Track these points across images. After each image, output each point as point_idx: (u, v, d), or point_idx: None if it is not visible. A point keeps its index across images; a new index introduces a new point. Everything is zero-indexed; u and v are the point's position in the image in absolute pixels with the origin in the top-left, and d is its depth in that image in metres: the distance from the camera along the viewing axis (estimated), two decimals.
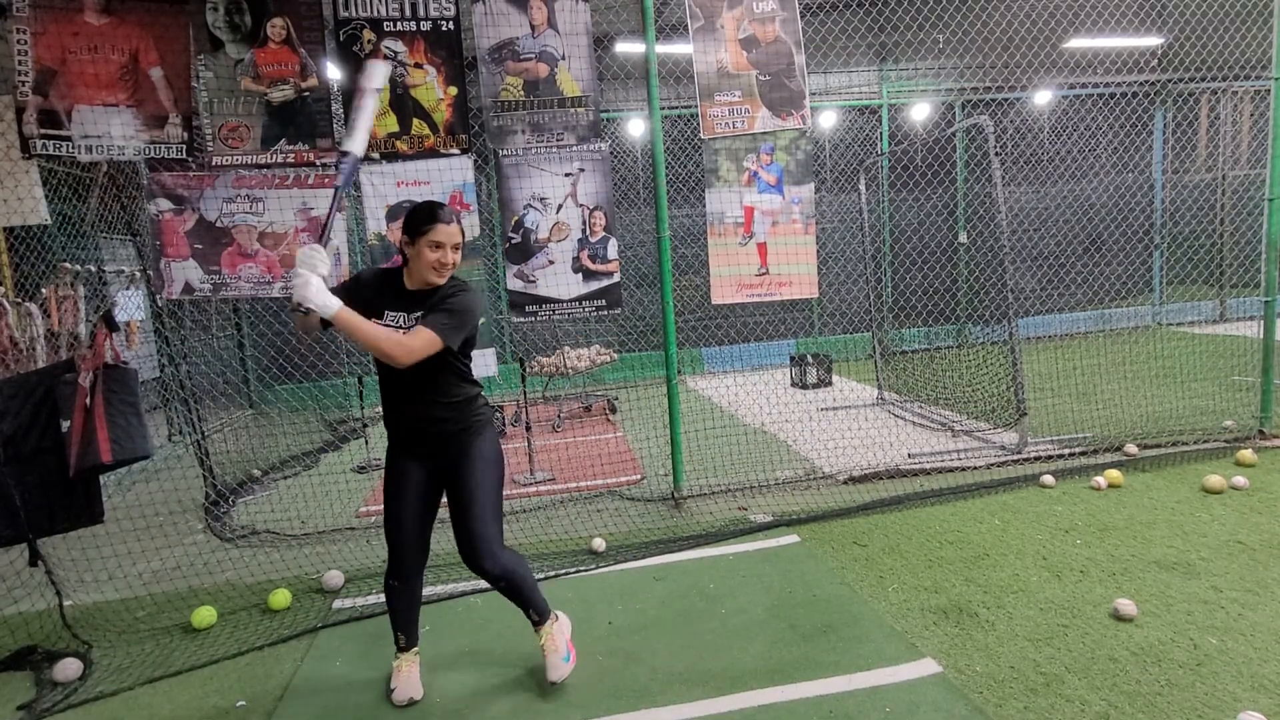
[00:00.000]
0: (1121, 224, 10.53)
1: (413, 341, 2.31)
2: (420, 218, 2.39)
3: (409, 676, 2.69)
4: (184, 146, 3.97)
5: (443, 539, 4.25)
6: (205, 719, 2.66)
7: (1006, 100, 10.03)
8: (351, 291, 2.44)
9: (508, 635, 3.09)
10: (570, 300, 4.46)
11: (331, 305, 2.21)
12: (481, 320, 4.56)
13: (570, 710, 2.57)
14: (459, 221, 2.45)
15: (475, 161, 4.29)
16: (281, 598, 3.51)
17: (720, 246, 4.63)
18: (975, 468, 4.89)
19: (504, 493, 2.70)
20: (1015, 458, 5.03)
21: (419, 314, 2.43)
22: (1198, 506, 3.98)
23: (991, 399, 6.09)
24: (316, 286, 2.19)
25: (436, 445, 2.55)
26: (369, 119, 2.57)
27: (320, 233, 2.37)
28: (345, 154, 2.47)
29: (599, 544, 3.94)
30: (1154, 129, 10.71)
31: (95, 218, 5.55)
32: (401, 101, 4.15)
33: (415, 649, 2.75)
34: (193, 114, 3.97)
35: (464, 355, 2.54)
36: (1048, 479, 4.48)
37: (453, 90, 4.20)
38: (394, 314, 2.44)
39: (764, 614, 3.13)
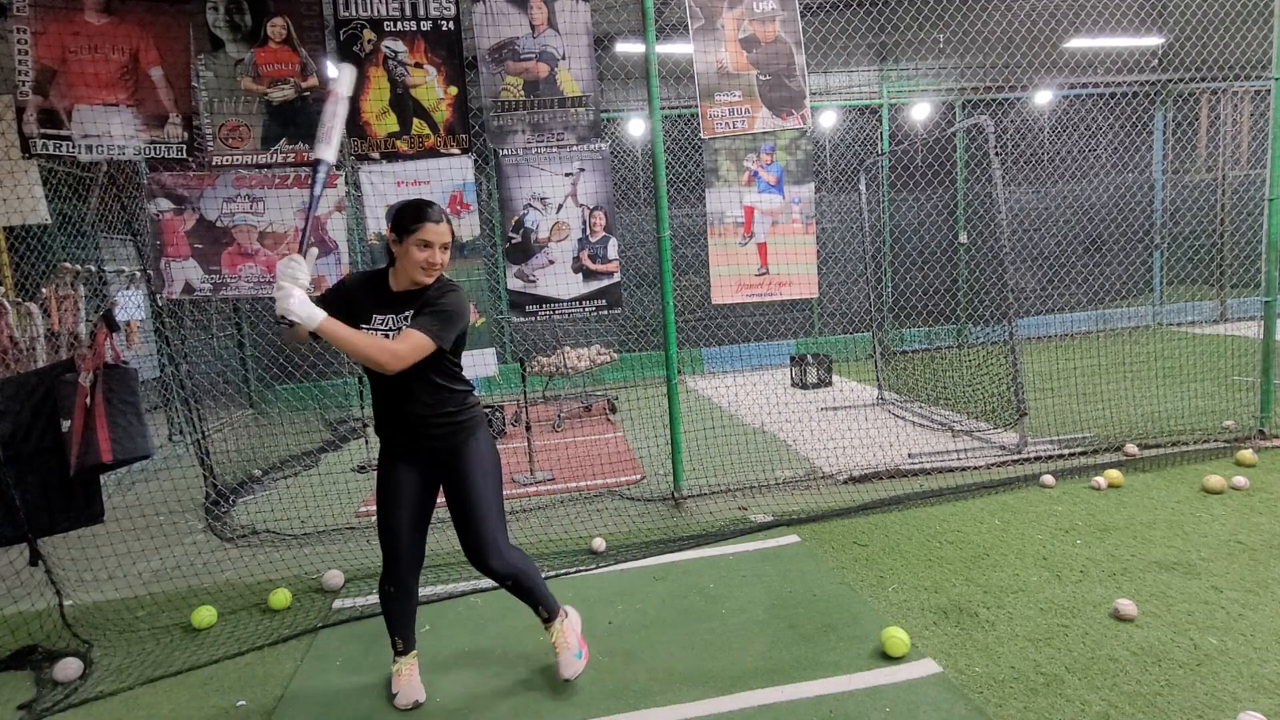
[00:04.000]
0: (1121, 224, 10.52)
1: (400, 347, 2.27)
2: (408, 216, 2.35)
3: (410, 679, 2.67)
4: (184, 146, 3.97)
5: (442, 539, 4.26)
6: (205, 719, 2.66)
7: (1007, 100, 10.02)
8: (336, 298, 2.43)
9: (508, 635, 3.09)
10: (570, 300, 4.46)
11: (315, 316, 2.17)
12: (481, 320, 4.48)
13: (570, 710, 2.57)
14: (448, 220, 2.42)
15: (475, 161, 4.29)
16: (281, 598, 3.51)
17: (720, 246, 4.63)
18: (975, 468, 4.89)
19: (504, 492, 2.70)
20: (1015, 458, 5.03)
21: (407, 314, 2.40)
22: (1198, 506, 3.98)
23: (991, 399, 6.09)
24: (299, 298, 2.14)
25: (431, 447, 2.52)
26: (341, 124, 2.48)
27: (299, 242, 2.30)
28: (319, 161, 2.38)
29: (599, 544, 3.94)
30: (1154, 129, 10.71)
31: (95, 217, 5.55)
32: (401, 101, 4.15)
33: (414, 651, 2.73)
34: (193, 114, 3.97)
35: (455, 355, 2.49)
36: (1048, 479, 4.49)
37: (453, 90, 4.20)
38: (381, 316, 2.41)
39: (764, 614, 3.13)
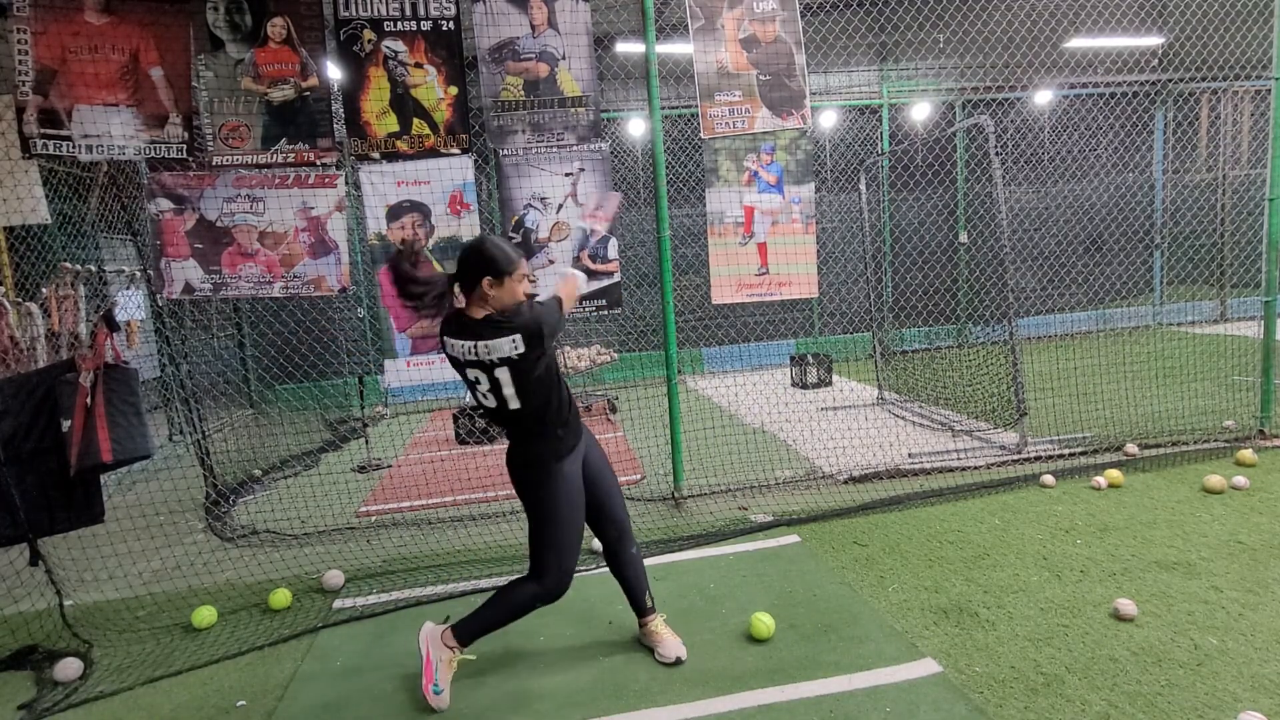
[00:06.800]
0: (1122, 224, 10.53)
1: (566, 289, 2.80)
2: (505, 260, 2.45)
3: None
4: (184, 146, 3.97)
5: (443, 539, 4.26)
6: (205, 719, 2.66)
7: (1007, 100, 10.02)
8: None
9: (508, 635, 3.08)
10: None
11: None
12: None
13: (570, 710, 2.57)
14: None
15: (475, 161, 4.29)
16: (281, 597, 3.51)
17: (720, 246, 4.63)
18: (975, 468, 4.89)
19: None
20: (1015, 458, 5.03)
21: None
22: (1198, 506, 3.98)
23: (991, 399, 6.09)
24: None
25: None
26: None
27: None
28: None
29: (599, 544, 3.93)
30: (1154, 129, 10.71)
31: (95, 217, 5.55)
32: (402, 101, 4.15)
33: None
34: (193, 114, 3.97)
35: None
36: (1048, 479, 4.48)
37: (453, 90, 4.20)
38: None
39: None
